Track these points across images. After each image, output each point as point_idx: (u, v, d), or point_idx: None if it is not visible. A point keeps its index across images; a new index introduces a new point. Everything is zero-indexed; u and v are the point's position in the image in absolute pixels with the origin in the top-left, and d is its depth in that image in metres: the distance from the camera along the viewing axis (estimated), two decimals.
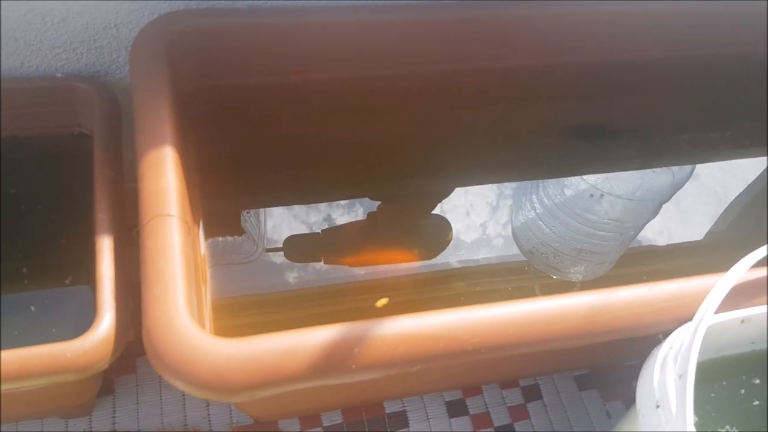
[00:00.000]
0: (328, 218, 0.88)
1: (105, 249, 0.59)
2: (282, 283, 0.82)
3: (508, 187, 0.97)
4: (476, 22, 0.77)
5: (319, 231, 0.86)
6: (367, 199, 0.92)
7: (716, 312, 0.52)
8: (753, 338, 0.58)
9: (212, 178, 0.72)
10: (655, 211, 0.97)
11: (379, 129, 0.89)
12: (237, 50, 0.70)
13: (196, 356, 0.46)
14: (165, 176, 0.55)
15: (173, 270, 0.50)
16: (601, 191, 0.96)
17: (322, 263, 0.85)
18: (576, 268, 0.92)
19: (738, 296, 0.55)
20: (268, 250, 0.85)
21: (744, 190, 1.01)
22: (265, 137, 0.83)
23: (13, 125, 0.71)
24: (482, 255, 0.88)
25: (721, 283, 0.52)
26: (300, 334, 0.49)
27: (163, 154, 0.56)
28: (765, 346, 0.59)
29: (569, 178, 0.97)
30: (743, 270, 0.53)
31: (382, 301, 0.76)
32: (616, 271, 0.91)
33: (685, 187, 0.98)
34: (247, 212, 0.88)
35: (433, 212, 0.93)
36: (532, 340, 0.52)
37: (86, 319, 0.62)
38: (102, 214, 0.61)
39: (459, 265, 0.87)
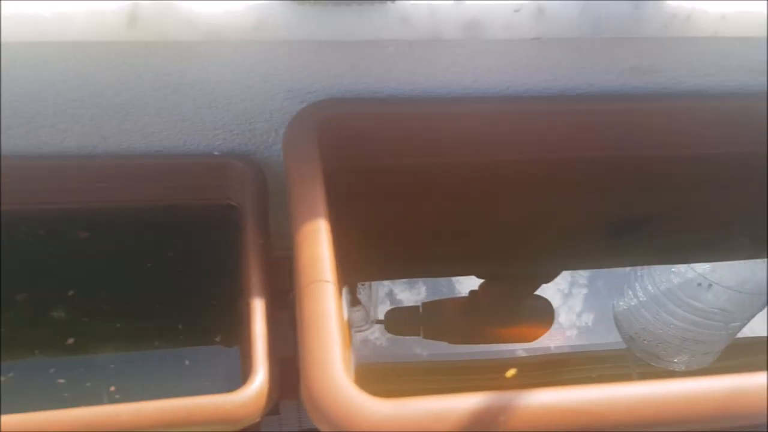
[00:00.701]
0: (433, 292, 0.91)
1: (257, 310, 0.65)
2: (390, 355, 0.85)
3: (613, 273, 0.98)
4: (591, 114, 0.81)
5: (420, 305, 0.89)
6: (473, 276, 0.94)
7: None
8: None
9: (344, 250, 0.77)
10: (764, 305, 0.96)
11: (493, 210, 0.93)
12: (373, 134, 0.76)
13: (357, 414, 0.50)
14: (321, 245, 0.60)
15: (331, 332, 0.55)
16: (710, 281, 0.96)
17: (421, 337, 0.87)
18: (679, 357, 0.90)
19: None
20: (376, 322, 0.88)
21: None
22: (388, 214, 0.88)
23: (173, 196, 0.79)
24: (582, 339, 0.88)
25: None
26: (451, 399, 0.52)
27: (318, 226, 0.62)
28: None
29: (676, 266, 0.98)
30: None
31: (512, 372, 0.78)
32: (720, 363, 0.89)
33: None
34: (362, 284, 0.92)
35: (536, 294, 0.95)
36: (671, 420, 0.53)
37: (233, 374, 0.67)
38: (255, 278, 0.67)
39: (556, 350, 0.88)
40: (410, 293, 0.91)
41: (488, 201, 0.91)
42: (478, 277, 0.95)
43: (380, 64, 0.72)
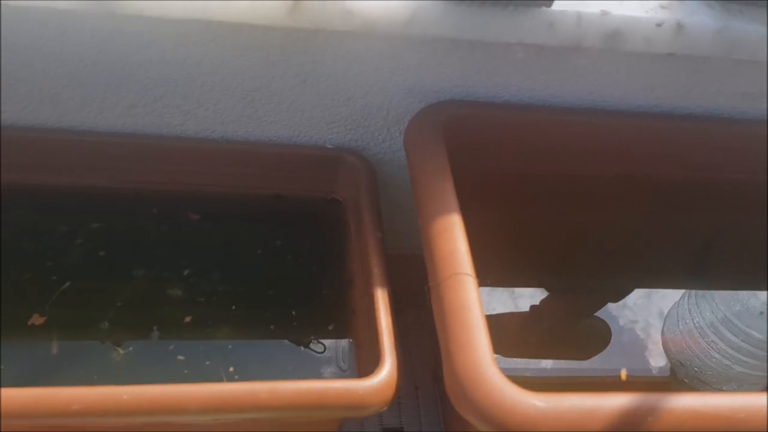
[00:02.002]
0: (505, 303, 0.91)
1: (382, 302, 0.65)
2: None
3: (675, 294, 0.98)
4: (696, 133, 0.83)
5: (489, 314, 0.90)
6: (543, 289, 0.95)
7: None
8: None
9: None
10: None
11: (586, 225, 0.93)
12: (491, 138, 0.77)
13: (509, 405, 0.51)
14: (458, 239, 0.61)
15: (477, 322, 0.55)
16: None
17: None
18: (728, 386, 0.91)
19: None
20: None
21: None
22: (485, 218, 0.89)
23: (282, 185, 0.80)
24: (632, 361, 0.89)
25: None
26: (601, 397, 0.52)
27: (453, 221, 0.63)
28: None
29: (738, 293, 0.98)
30: None
31: (624, 373, 0.78)
32: None
33: None
34: None
35: (596, 314, 0.95)
36: None
37: (347, 365, 0.67)
38: (376, 270, 0.68)
39: (605, 372, 0.88)
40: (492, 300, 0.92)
41: (583, 214, 0.92)
42: (554, 289, 0.95)
43: (505, 68, 0.74)
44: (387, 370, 0.60)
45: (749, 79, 0.77)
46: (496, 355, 0.88)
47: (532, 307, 0.95)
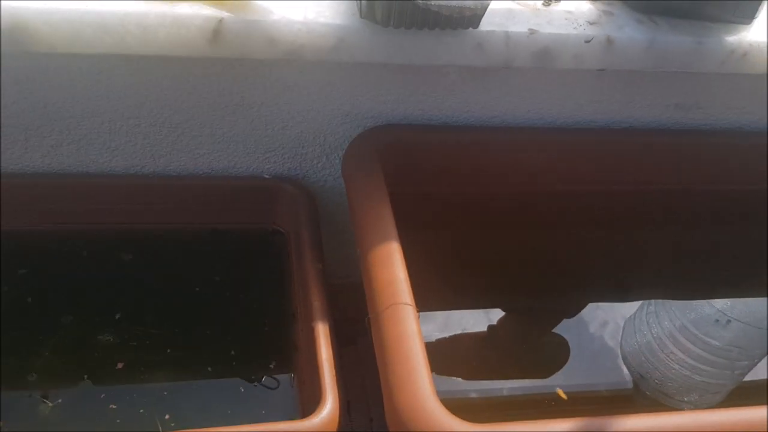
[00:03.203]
0: (454, 325, 0.90)
1: (322, 335, 0.63)
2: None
3: (630, 307, 0.97)
4: (633, 147, 0.83)
5: (433, 340, 0.87)
6: (497, 309, 0.94)
7: None
8: None
9: None
10: None
11: (531, 243, 0.93)
12: (428, 161, 0.76)
13: None
14: (396, 268, 0.60)
15: (417, 353, 0.54)
16: (729, 317, 0.96)
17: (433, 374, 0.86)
18: (689, 396, 0.90)
19: None
20: None
21: None
22: (428, 241, 0.88)
23: (219, 219, 0.78)
24: (592, 377, 0.88)
25: None
26: (542, 423, 0.51)
27: (391, 249, 0.61)
28: None
29: (693, 302, 0.98)
30: None
31: (561, 392, 0.77)
32: (727, 403, 0.90)
33: None
34: None
35: (554, 331, 0.94)
36: None
37: (290, 403, 0.65)
38: (317, 303, 0.66)
39: (566, 387, 0.87)
40: (432, 325, 0.90)
41: (525, 232, 0.92)
42: (503, 309, 0.94)
43: (439, 90, 0.73)
44: (328, 410, 0.58)
45: (681, 91, 0.78)
46: (454, 378, 0.87)
47: (490, 327, 0.94)
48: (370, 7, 0.59)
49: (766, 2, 0.68)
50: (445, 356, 0.86)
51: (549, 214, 0.86)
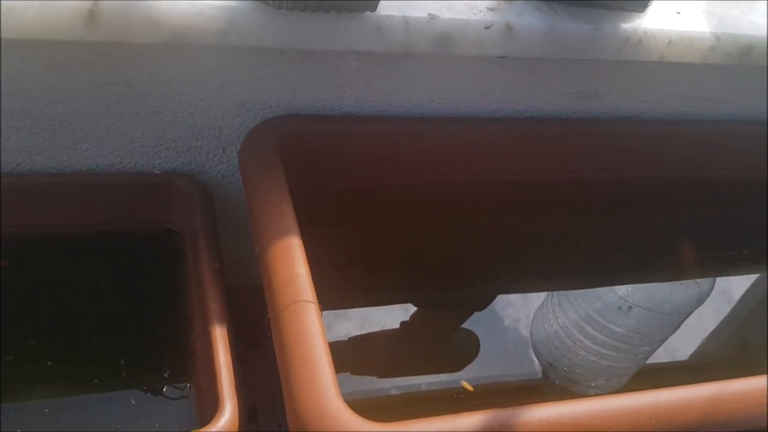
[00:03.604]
0: (366, 323, 0.88)
1: (220, 339, 0.59)
2: None
3: (538, 298, 0.98)
4: (538, 136, 0.83)
5: (346, 338, 0.86)
6: (410, 305, 0.92)
7: None
8: None
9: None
10: (677, 326, 1.00)
11: (438, 235, 0.91)
12: (331, 153, 0.73)
13: None
14: (297, 264, 0.56)
15: (319, 353, 0.51)
16: (630, 303, 0.99)
17: (349, 374, 0.84)
18: (596, 382, 0.92)
19: None
20: None
21: (740, 309, 1.06)
22: (333, 236, 0.85)
23: (107, 219, 0.72)
24: (503, 368, 0.88)
25: None
26: (452, 419, 0.49)
27: (292, 244, 0.58)
28: None
29: (597, 289, 1.00)
30: None
31: (466, 384, 0.76)
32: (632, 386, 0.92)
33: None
34: None
35: (463, 326, 0.94)
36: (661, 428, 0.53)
37: (186, 411, 0.61)
38: (213, 305, 0.62)
39: (478, 379, 0.87)
40: (344, 323, 0.87)
41: (431, 223, 0.90)
42: (415, 304, 0.93)
43: (340, 79, 0.70)
44: (226, 418, 0.54)
45: (581, 78, 0.78)
46: (368, 377, 0.84)
47: (402, 323, 0.92)
48: None
49: None
50: (357, 354, 0.83)
51: (454, 205, 0.85)
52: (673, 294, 1.01)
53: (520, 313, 0.94)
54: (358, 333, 0.87)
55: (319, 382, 0.49)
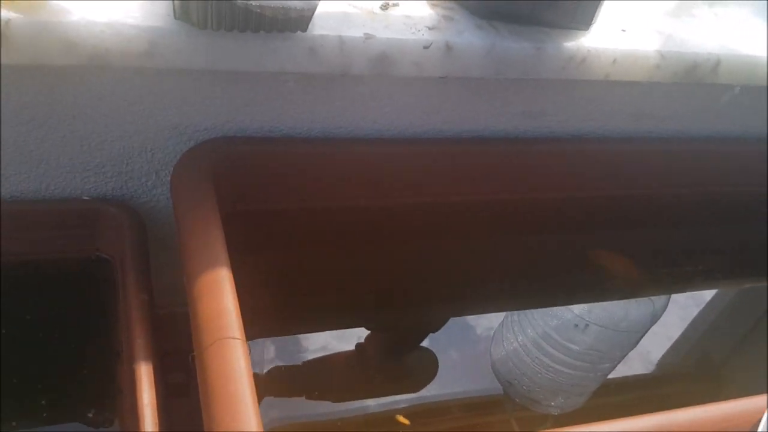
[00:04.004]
0: (320, 348, 0.86)
1: (145, 377, 0.56)
2: (282, 418, 0.78)
3: (495, 318, 0.97)
4: (486, 157, 0.81)
5: (300, 363, 0.83)
6: (362, 328, 0.90)
7: None
8: None
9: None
10: (636, 343, 0.99)
11: (387, 257, 0.89)
12: (268, 177, 0.71)
13: None
14: (225, 297, 0.53)
15: (245, 397, 0.48)
16: (587, 321, 0.98)
17: (304, 398, 0.82)
18: (556, 401, 0.91)
19: None
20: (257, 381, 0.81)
21: (699, 322, 1.06)
22: (276, 262, 0.82)
23: (28, 249, 0.68)
24: (462, 388, 0.87)
25: None
26: None
27: (220, 276, 0.55)
28: None
29: (554, 309, 0.99)
30: None
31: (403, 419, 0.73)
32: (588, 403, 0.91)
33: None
34: (252, 341, 0.85)
35: (421, 345, 0.92)
36: None
37: None
38: (139, 340, 0.58)
39: (437, 399, 0.85)
40: (294, 349, 0.85)
41: (379, 246, 0.88)
42: (368, 328, 0.91)
43: (278, 100, 0.67)
44: None
45: (528, 98, 0.77)
46: (320, 402, 0.82)
47: (358, 345, 0.89)
48: (185, 7, 0.53)
49: (601, 8, 0.68)
50: (313, 378, 0.81)
51: (400, 228, 0.83)
52: (628, 311, 1.01)
53: (479, 332, 0.92)
54: (306, 357, 0.84)
55: (242, 426, 0.46)
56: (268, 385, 0.79)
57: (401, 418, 0.72)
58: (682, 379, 0.98)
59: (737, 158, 0.92)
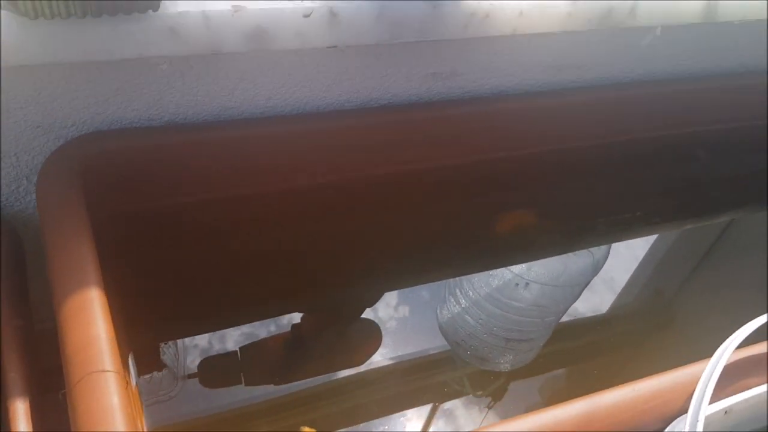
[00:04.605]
0: (251, 335, 0.81)
1: (21, 416, 0.50)
2: (215, 407, 0.75)
3: (436, 285, 0.94)
4: (396, 125, 0.76)
5: (237, 350, 0.79)
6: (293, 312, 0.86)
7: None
8: (732, 427, 0.57)
9: (135, 310, 0.64)
10: (579, 295, 0.98)
11: (298, 240, 0.84)
12: (152, 171, 0.64)
13: None
14: (94, 324, 0.47)
15: None
16: (526, 280, 0.96)
17: (243, 385, 0.78)
18: (505, 358, 0.90)
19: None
20: (189, 377, 0.77)
21: (647, 264, 1.05)
22: (185, 259, 0.76)
23: None
24: (410, 351, 0.85)
25: (708, 372, 0.51)
26: None
27: (89, 297, 0.49)
28: None
29: (494, 270, 0.97)
30: (726, 357, 0.52)
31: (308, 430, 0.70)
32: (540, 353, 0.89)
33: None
34: (165, 344, 0.80)
35: (362, 317, 0.89)
36: None
37: None
38: (13, 374, 0.52)
39: (387, 365, 0.83)
40: (228, 339, 0.81)
41: (292, 230, 0.82)
42: (298, 311, 0.87)
43: (152, 86, 0.60)
44: None
45: (435, 59, 0.71)
46: (261, 386, 0.78)
47: (294, 326, 0.85)
48: None
49: None
50: (251, 364, 0.78)
51: (312, 209, 0.77)
52: (567, 266, 0.99)
53: (422, 298, 0.91)
54: (245, 342, 0.80)
55: None
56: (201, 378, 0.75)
57: (306, 429, 0.69)
58: (633, 319, 0.98)
59: (663, 100, 0.88)
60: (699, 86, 0.90)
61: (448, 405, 0.79)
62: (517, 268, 0.96)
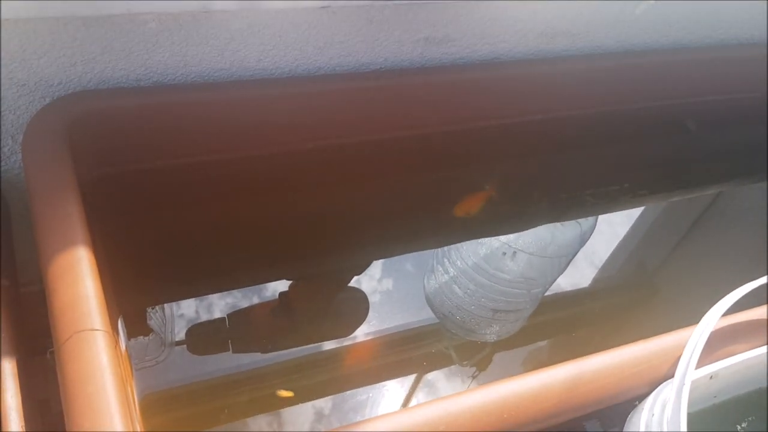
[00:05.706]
0: (237, 304, 0.81)
1: (8, 376, 0.49)
2: (202, 374, 0.75)
3: (424, 254, 0.93)
4: (389, 90, 0.75)
5: (225, 317, 0.79)
6: (282, 279, 0.86)
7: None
8: (716, 392, 0.57)
9: (123, 273, 0.63)
10: (565, 267, 0.98)
11: (287, 206, 0.83)
12: (139, 131, 0.63)
13: None
14: (82, 282, 0.47)
15: (105, 396, 0.42)
16: (514, 249, 0.96)
17: (230, 352, 0.78)
18: (492, 329, 0.90)
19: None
20: (177, 344, 0.77)
21: (632, 236, 1.05)
22: (172, 223, 0.76)
23: None
24: (398, 322, 0.84)
25: (695, 338, 0.51)
26: None
27: (77, 256, 0.48)
28: (726, 398, 0.58)
29: (482, 239, 0.96)
30: (712, 324, 0.52)
31: (285, 393, 0.70)
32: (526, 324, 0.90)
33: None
34: (153, 309, 0.80)
35: (349, 285, 0.89)
36: (515, 423, 0.48)
37: None
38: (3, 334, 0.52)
39: (375, 336, 0.83)
40: (215, 307, 0.80)
41: (280, 194, 0.82)
42: (286, 278, 0.86)
43: (141, 44, 0.59)
44: None
45: (428, 23, 0.70)
46: (248, 353, 0.78)
47: (281, 294, 0.85)
48: None
49: None
50: (237, 331, 0.78)
51: (302, 174, 0.76)
52: (555, 236, 0.99)
53: (409, 268, 0.90)
54: (231, 309, 0.80)
55: (103, 428, 0.41)
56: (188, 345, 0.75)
57: (284, 392, 0.69)
58: (618, 291, 0.98)
59: (655, 71, 0.88)
60: (691, 57, 0.89)
61: (432, 375, 0.80)
62: (505, 238, 0.96)
